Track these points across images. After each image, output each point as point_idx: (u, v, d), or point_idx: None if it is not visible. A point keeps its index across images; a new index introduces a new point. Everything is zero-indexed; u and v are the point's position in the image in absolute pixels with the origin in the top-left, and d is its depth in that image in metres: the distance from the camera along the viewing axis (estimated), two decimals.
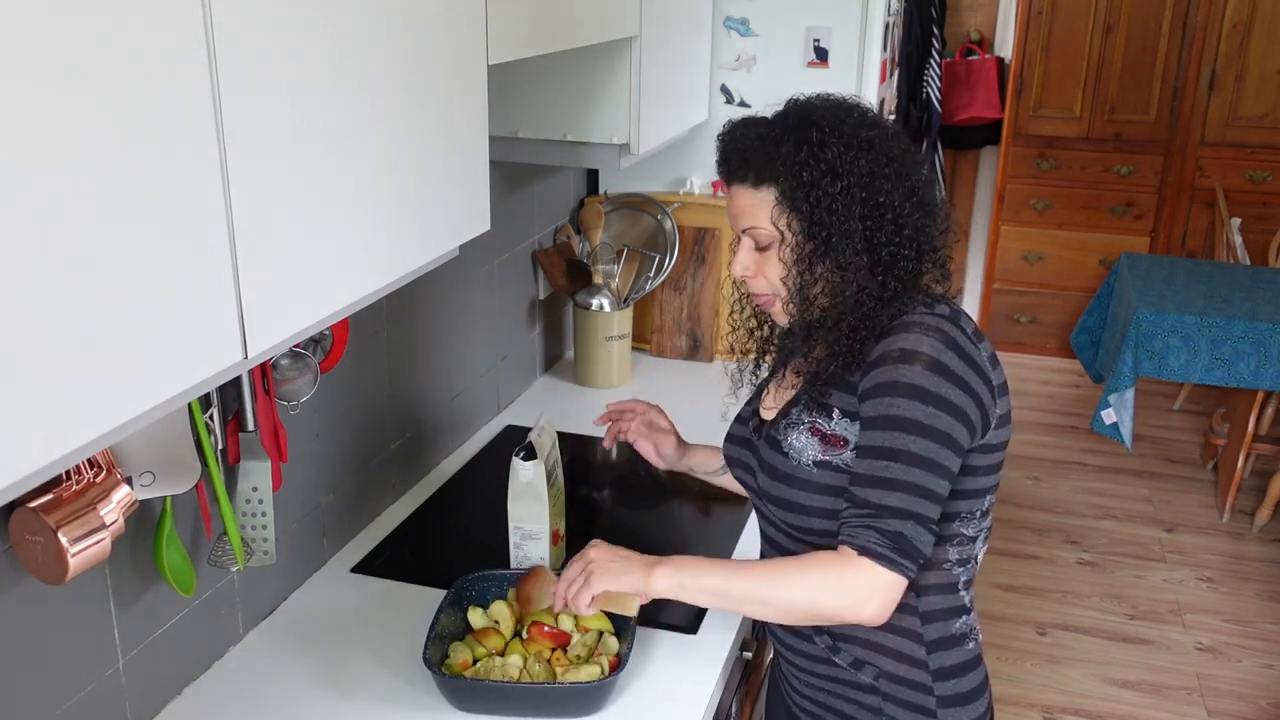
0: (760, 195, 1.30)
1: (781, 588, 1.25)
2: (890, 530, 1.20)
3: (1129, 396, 3.57)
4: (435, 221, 1.27)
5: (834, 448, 1.29)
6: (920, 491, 1.21)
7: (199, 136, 0.86)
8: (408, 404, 2.00)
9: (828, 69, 2.56)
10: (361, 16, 1.06)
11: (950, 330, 1.26)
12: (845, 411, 1.30)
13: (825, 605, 1.23)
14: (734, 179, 1.33)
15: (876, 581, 1.20)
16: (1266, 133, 4.85)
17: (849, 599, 1.21)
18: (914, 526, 1.20)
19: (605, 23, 1.78)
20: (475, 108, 1.33)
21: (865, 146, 1.28)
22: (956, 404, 1.23)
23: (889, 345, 1.26)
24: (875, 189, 1.27)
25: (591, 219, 2.57)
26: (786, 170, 1.28)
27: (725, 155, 1.34)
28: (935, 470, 1.22)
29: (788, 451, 1.33)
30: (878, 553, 1.20)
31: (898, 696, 1.35)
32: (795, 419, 1.35)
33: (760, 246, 1.33)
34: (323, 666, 1.52)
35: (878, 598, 1.21)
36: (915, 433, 1.21)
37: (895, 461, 1.21)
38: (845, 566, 1.21)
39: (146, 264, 0.82)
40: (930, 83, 4.74)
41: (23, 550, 1.15)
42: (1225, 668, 3.15)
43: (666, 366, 2.66)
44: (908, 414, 1.21)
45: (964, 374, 1.24)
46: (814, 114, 1.30)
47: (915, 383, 1.22)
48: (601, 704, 1.42)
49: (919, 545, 1.21)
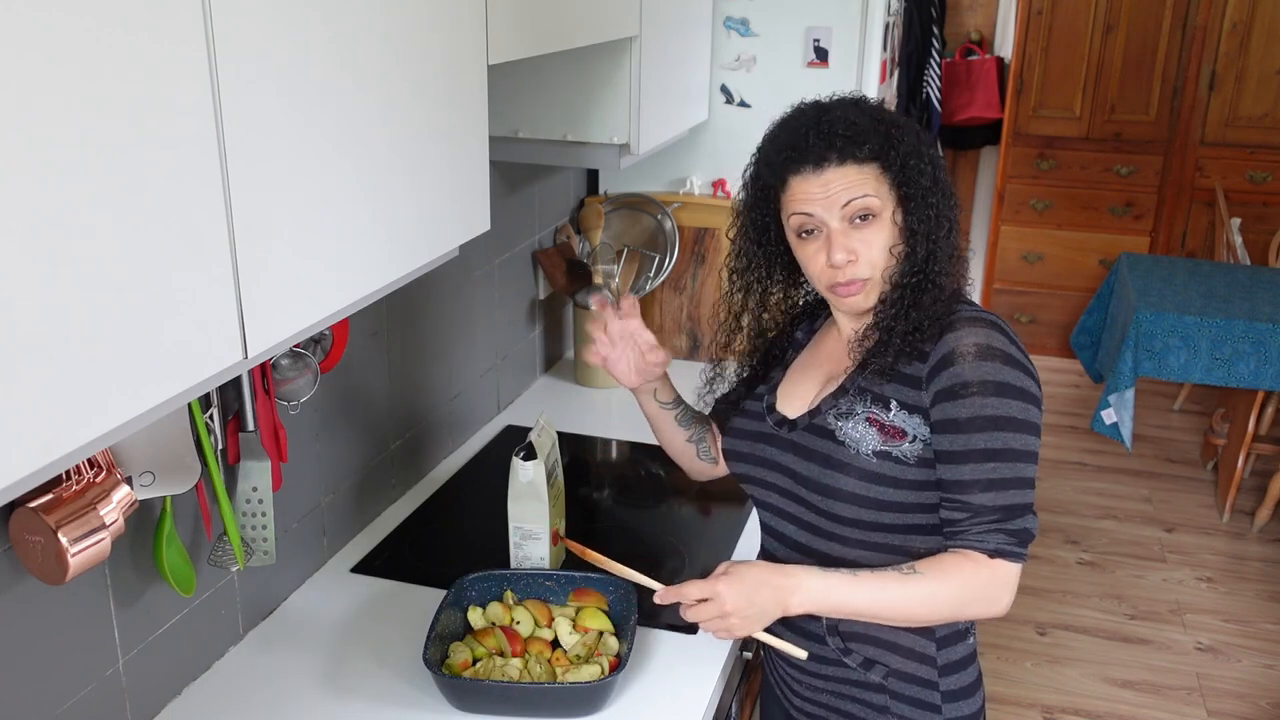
0: (866, 169, 1.30)
1: (934, 603, 1.29)
2: (1016, 529, 1.27)
3: (1129, 396, 3.57)
4: (435, 221, 1.27)
5: (893, 439, 1.31)
6: (1027, 484, 1.28)
7: (199, 136, 0.86)
8: (408, 404, 2.00)
9: (828, 69, 2.56)
10: (361, 17, 1.06)
11: (1004, 325, 1.32)
12: (903, 404, 1.31)
13: (969, 612, 1.31)
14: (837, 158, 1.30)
15: (1010, 577, 1.28)
16: (1266, 133, 4.85)
17: (989, 601, 1.28)
18: (1030, 518, 1.28)
19: (605, 23, 1.78)
20: (475, 108, 1.33)
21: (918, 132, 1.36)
22: (1034, 394, 1.29)
23: (957, 342, 1.28)
24: (940, 165, 1.35)
25: (591, 219, 2.57)
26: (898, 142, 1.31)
27: (825, 135, 1.30)
28: (1031, 459, 1.28)
29: (844, 440, 1.33)
30: (1010, 552, 1.27)
31: (905, 694, 1.36)
32: (847, 409, 1.34)
33: (864, 218, 1.31)
34: (323, 666, 1.52)
35: (1009, 591, 1.29)
36: (1013, 429, 1.26)
37: (1002, 461, 1.26)
38: (983, 571, 1.27)
39: (146, 264, 0.82)
40: (930, 83, 4.75)
41: (23, 550, 1.15)
42: (1225, 668, 3.15)
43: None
44: (1003, 412, 1.25)
45: (1026, 362, 1.30)
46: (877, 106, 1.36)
47: (1002, 380, 1.26)
48: (601, 704, 1.42)
49: (1034, 532, 1.29)
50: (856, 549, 1.35)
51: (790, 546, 1.42)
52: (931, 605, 1.29)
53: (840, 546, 1.36)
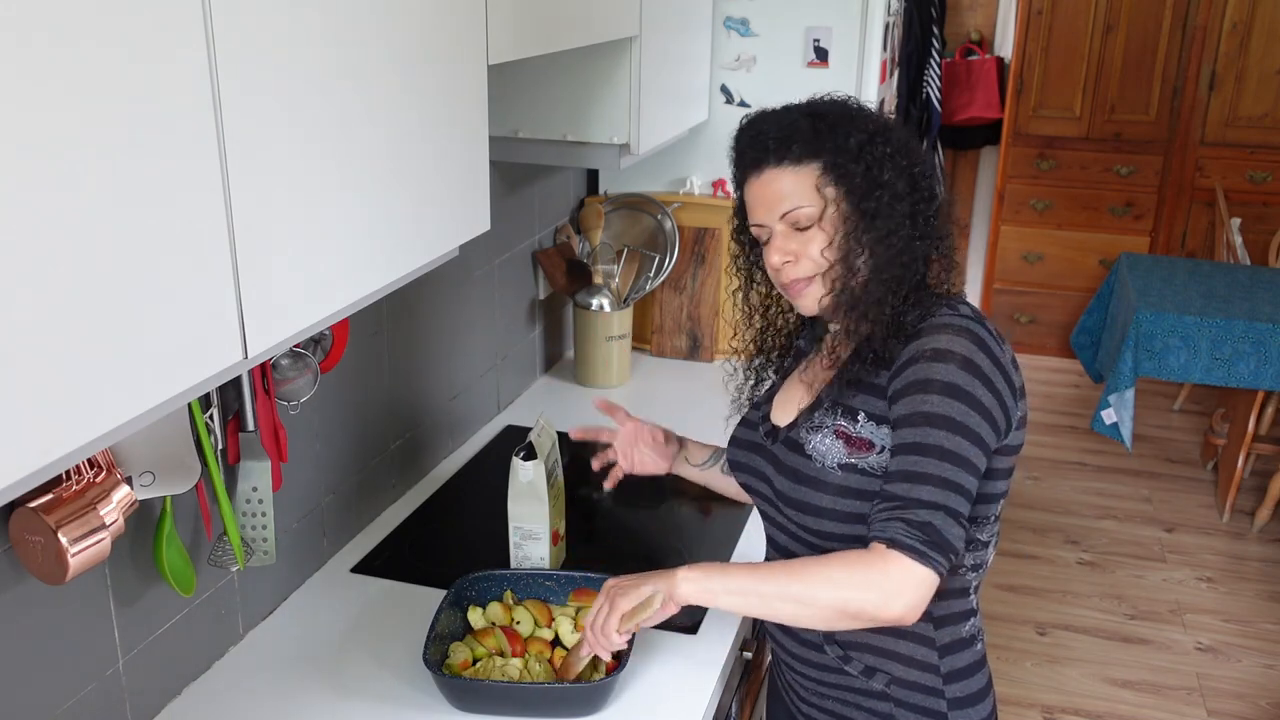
0: (802, 171, 1.29)
1: (811, 584, 1.21)
2: (918, 520, 1.18)
3: (1129, 396, 3.57)
4: (435, 222, 1.27)
5: (859, 451, 1.29)
6: (950, 485, 1.19)
7: (199, 137, 0.86)
8: (408, 404, 2.00)
9: (828, 69, 2.56)
10: (361, 17, 1.06)
11: (979, 331, 1.27)
12: (871, 415, 1.29)
13: (854, 601, 1.19)
14: (773, 160, 1.30)
15: (906, 576, 1.17)
16: (1266, 133, 4.85)
17: (877, 594, 1.18)
18: (943, 518, 1.18)
19: (605, 23, 1.78)
20: (475, 108, 1.33)
21: (890, 126, 1.33)
22: (985, 405, 1.23)
23: (920, 346, 1.26)
24: (912, 159, 1.31)
25: (591, 219, 2.57)
26: (833, 139, 1.29)
27: (759, 139, 1.31)
28: (965, 467, 1.20)
29: (811, 454, 1.33)
30: (906, 544, 1.17)
31: (909, 702, 1.35)
32: (818, 422, 1.34)
33: (801, 226, 1.30)
34: (323, 666, 1.52)
35: (907, 594, 1.18)
36: (946, 428, 1.21)
37: (926, 456, 1.20)
38: (874, 561, 1.18)
39: (146, 264, 0.82)
40: (930, 83, 4.75)
41: (23, 550, 1.15)
42: (1225, 668, 3.15)
43: (666, 366, 2.66)
44: (940, 410, 1.21)
45: (992, 375, 1.24)
46: (829, 103, 1.34)
47: (949, 380, 1.22)
48: (601, 704, 1.42)
49: (949, 538, 1.18)
50: None
51: (780, 552, 1.43)
52: (813, 591, 1.21)
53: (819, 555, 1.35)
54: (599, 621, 1.33)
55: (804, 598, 1.22)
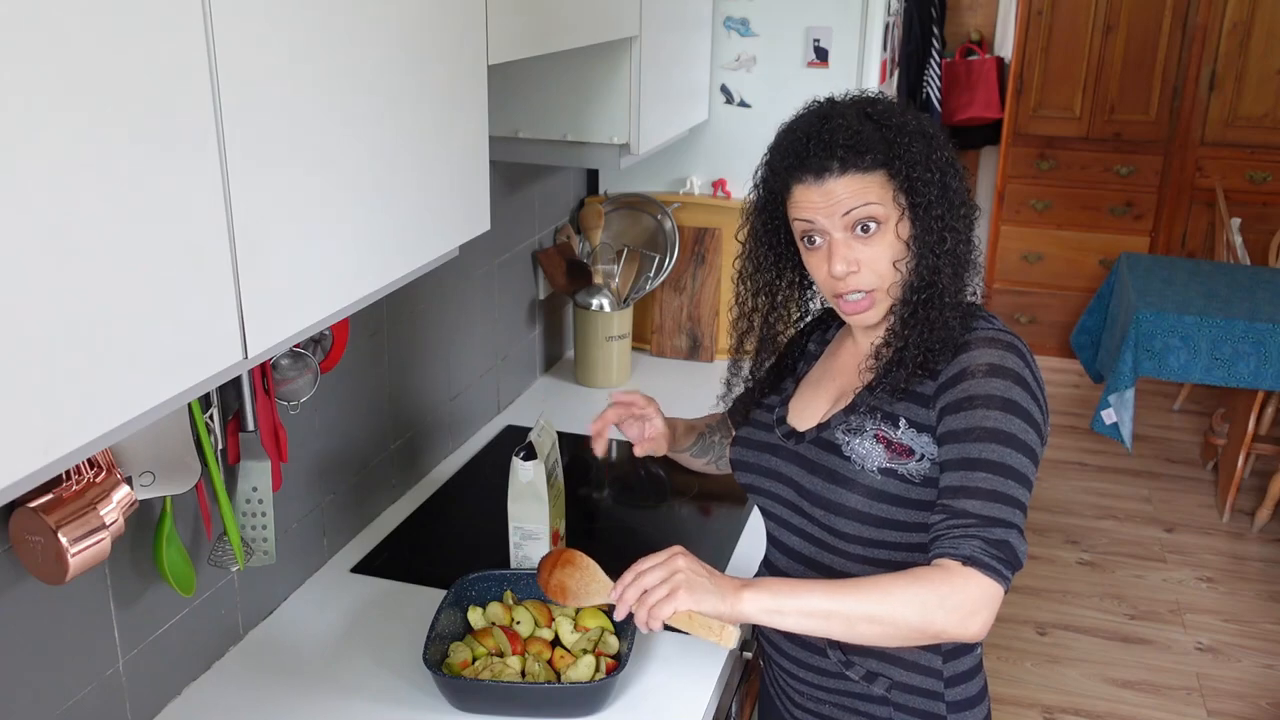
0: (870, 178, 1.27)
1: (894, 604, 1.16)
2: (996, 539, 1.17)
3: (1129, 396, 3.57)
4: (435, 221, 1.27)
5: (900, 456, 1.28)
6: (1016, 504, 1.20)
7: (199, 137, 0.86)
8: (408, 404, 2.00)
9: (828, 69, 2.56)
10: (361, 17, 1.06)
11: (1022, 346, 1.28)
12: (912, 422, 1.28)
13: (937, 622, 1.16)
14: (838, 169, 1.27)
15: (984, 594, 1.16)
16: (1266, 133, 4.85)
17: (959, 614, 1.15)
18: (1017, 536, 1.19)
19: (605, 23, 1.78)
20: (475, 108, 1.33)
21: (938, 132, 1.31)
22: (1037, 420, 1.24)
23: (972, 359, 1.25)
24: (954, 171, 1.30)
25: (591, 219, 2.57)
26: (903, 146, 1.26)
27: (825, 146, 1.27)
28: (1026, 484, 1.21)
29: (850, 456, 1.31)
30: (985, 563, 1.16)
31: (909, 706, 1.35)
32: (856, 425, 1.32)
33: (866, 229, 1.27)
34: (323, 666, 1.52)
35: (984, 611, 1.16)
36: (1012, 447, 1.21)
37: (995, 475, 1.20)
38: (954, 579, 1.16)
39: (146, 264, 0.82)
40: (930, 83, 4.75)
41: (23, 550, 1.15)
42: (1225, 668, 3.15)
43: (666, 366, 2.66)
44: (1004, 428, 1.21)
45: (1038, 392, 1.26)
46: (883, 106, 1.31)
47: (1009, 397, 1.22)
48: (601, 704, 1.42)
49: (1020, 555, 1.18)
50: (859, 564, 1.33)
51: (793, 558, 1.41)
52: (892, 610, 1.16)
53: (843, 560, 1.34)
54: (652, 601, 1.20)
55: (888, 618, 1.17)
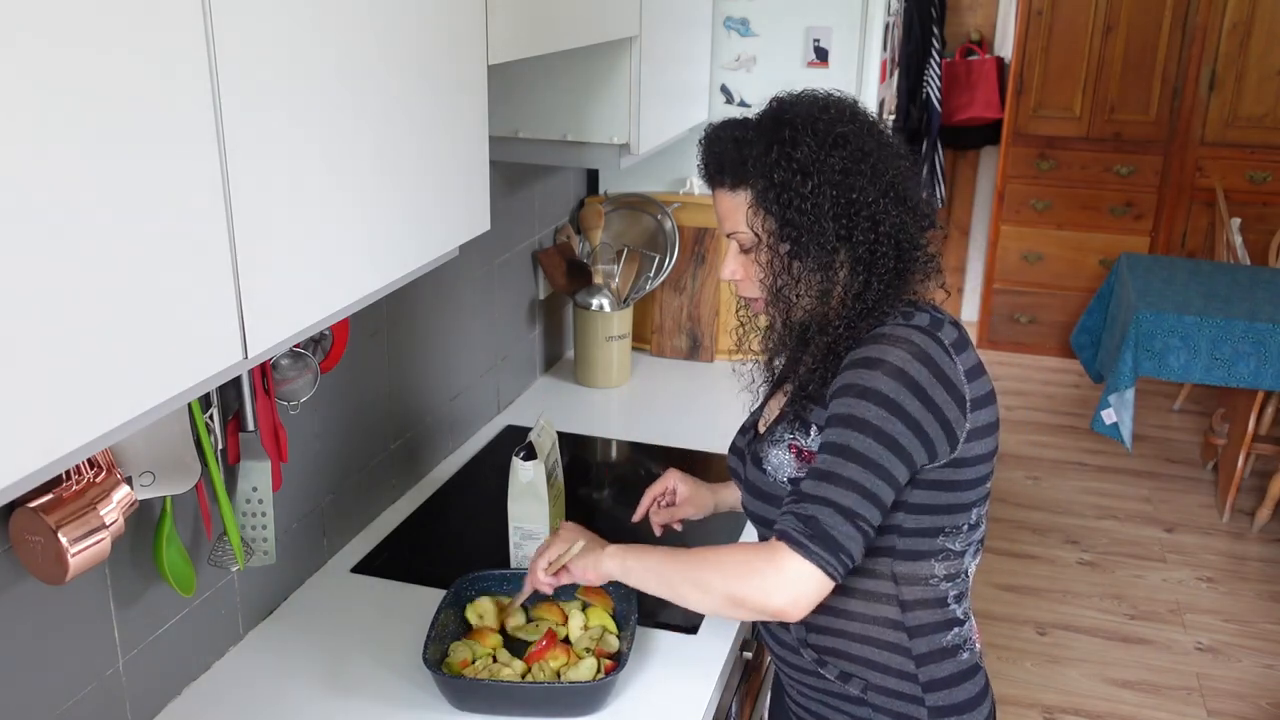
0: (737, 198, 1.31)
1: (707, 571, 1.24)
2: (805, 514, 1.18)
3: (1129, 396, 3.57)
4: (435, 221, 1.27)
5: (808, 464, 1.29)
6: (852, 486, 1.18)
7: (199, 138, 0.86)
8: (407, 404, 2.00)
9: (827, 69, 2.56)
10: (361, 17, 1.06)
11: (922, 341, 1.23)
12: (821, 427, 1.28)
13: (740, 590, 1.20)
14: (713, 183, 1.34)
15: (791, 571, 1.17)
16: (1266, 133, 4.85)
17: (761, 586, 1.18)
18: (831, 514, 1.17)
19: (605, 23, 1.78)
20: (475, 108, 1.33)
21: (839, 143, 1.26)
22: (912, 414, 1.20)
23: (854, 354, 1.25)
24: (849, 186, 1.25)
25: (591, 219, 2.57)
26: (758, 172, 1.27)
27: (704, 160, 1.35)
28: (874, 470, 1.18)
29: (766, 469, 1.34)
30: (792, 537, 1.17)
31: (888, 708, 1.34)
32: (778, 436, 1.34)
33: (744, 249, 1.34)
34: (323, 666, 1.52)
35: (789, 589, 1.17)
36: (859, 430, 1.19)
37: (835, 456, 1.20)
38: (763, 552, 1.20)
39: (146, 264, 0.82)
40: (930, 83, 4.75)
41: (23, 550, 1.15)
42: (1225, 668, 3.15)
43: (666, 366, 2.66)
44: (856, 413, 1.20)
45: (928, 386, 1.21)
46: (788, 113, 1.29)
47: (871, 385, 1.21)
48: (601, 704, 1.42)
49: (837, 536, 1.16)
50: None
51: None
52: (703, 573, 1.24)
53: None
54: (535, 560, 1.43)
55: (701, 583, 1.25)
